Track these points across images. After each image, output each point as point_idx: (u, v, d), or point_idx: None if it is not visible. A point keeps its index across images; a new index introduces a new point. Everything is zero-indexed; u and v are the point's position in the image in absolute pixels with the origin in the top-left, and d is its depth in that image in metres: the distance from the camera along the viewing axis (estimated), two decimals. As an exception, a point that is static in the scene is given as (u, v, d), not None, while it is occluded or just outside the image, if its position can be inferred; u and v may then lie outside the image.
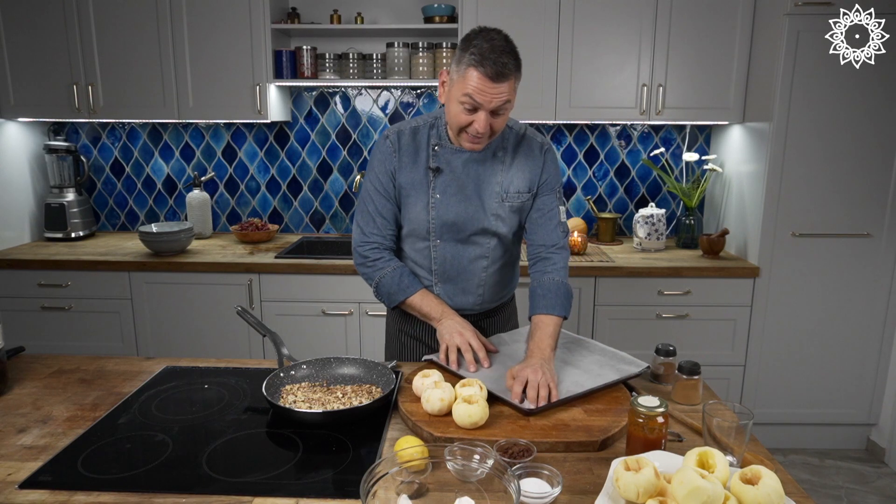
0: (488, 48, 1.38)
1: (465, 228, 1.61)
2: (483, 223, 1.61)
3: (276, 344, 1.54)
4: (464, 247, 1.64)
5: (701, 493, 0.87)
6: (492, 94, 1.40)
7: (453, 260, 1.64)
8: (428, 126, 1.61)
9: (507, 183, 1.61)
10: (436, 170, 1.58)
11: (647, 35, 2.83)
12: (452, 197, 1.59)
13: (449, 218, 1.59)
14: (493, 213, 1.61)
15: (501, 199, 1.61)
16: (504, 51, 1.39)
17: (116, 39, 2.89)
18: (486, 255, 1.66)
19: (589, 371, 1.45)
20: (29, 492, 1.06)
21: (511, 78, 1.41)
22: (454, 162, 1.58)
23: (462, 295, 1.69)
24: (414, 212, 1.61)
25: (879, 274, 2.77)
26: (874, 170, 2.69)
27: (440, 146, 1.59)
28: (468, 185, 1.59)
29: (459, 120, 1.46)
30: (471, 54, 1.39)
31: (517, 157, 1.62)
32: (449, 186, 1.58)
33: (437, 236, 1.62)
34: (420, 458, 1.06)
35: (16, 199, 3.10)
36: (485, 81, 1.39)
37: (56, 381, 1.52)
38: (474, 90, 1.40)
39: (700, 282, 2.77)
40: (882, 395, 2.87)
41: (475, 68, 1.39)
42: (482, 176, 1.59)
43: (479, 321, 1.75)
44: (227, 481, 1.10)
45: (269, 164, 3.36)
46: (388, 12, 3.16)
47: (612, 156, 3.32)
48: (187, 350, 2.84)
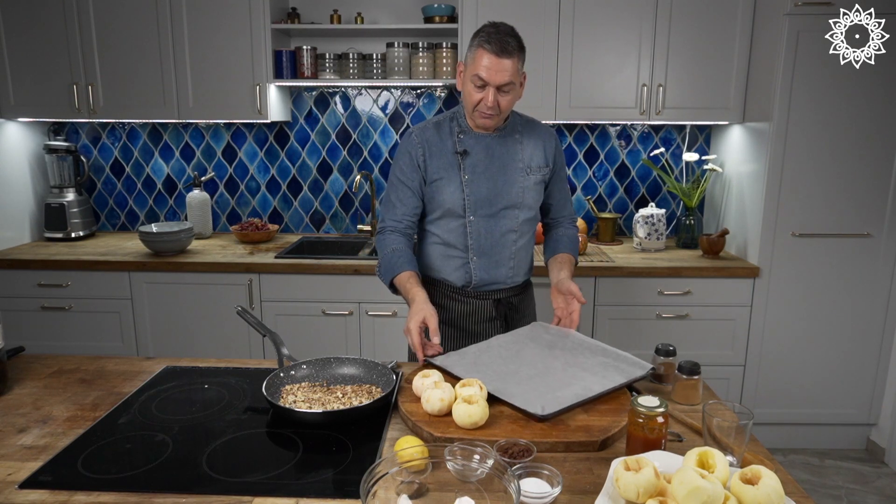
0: (494, 31, 1.62)
1: (496, 203, 1.77)
2: (512, 196, 1.78)
3: (276, 344, 1.54)
4: (495, 221, 1.79)
5: (701, 493, 0.87)
6: (497, 69, 1.60)
7: (487, 234, 1.79)
8: (448, 119, 1.81)
9: (529, 158, 1.80)
10: (463, 153, 1.76)
11: (647, 35, 2.83)
12: (482, 175, 1.76)
13: (482, 194, 1.76)
14: (520, 186, 1.79)
15: (526, 172, 1.79)
16: (508, 33, 1.62)
17: (116, 39, 2.89)
18: (515, 229, 1.81)
19: (596, 374, 1.44)
20: (29, 492, 1.06)
21: (514, 57, 1.61)
22: (479, 145, 1.77)
23: (495, 268, 1.82)
24: (447, 193, 1.76)
25: (879, 274, 2.77)
26: (874, 170, 2.69)
27: (463, 133, 1.77)
28: (494, 164, 1.77)
29: (472, 98, 1.66)
30: (480, 37, 1.62)
31: (532, 137, 1.82)
32: (477, 166, 1.76)
33: (472, 212, 1.77)
34: (420, 458, 1.06)
35: (16, 199, 3.10)
36: (491, 58, 1.60)
37: (56, 381, 1.52)
38: (482, 67, 1.61)
39: (700, 282, 2.77)
40: (882, 395, 2.88)
41: (482, 47, 1.61)
42: (506, 154, 1.78)
43: (510, 297, 1.89)
44: (227, 481, 1.10)
45: (269, 164, 3.36)
46: (388, 12, 3.16)
47: (612, 156, 3.32)
48: (187, 350, 2.84)
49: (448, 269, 1.84)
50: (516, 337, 1.67)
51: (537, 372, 1.44)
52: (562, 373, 1.44)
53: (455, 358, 1.54)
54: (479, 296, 1.85)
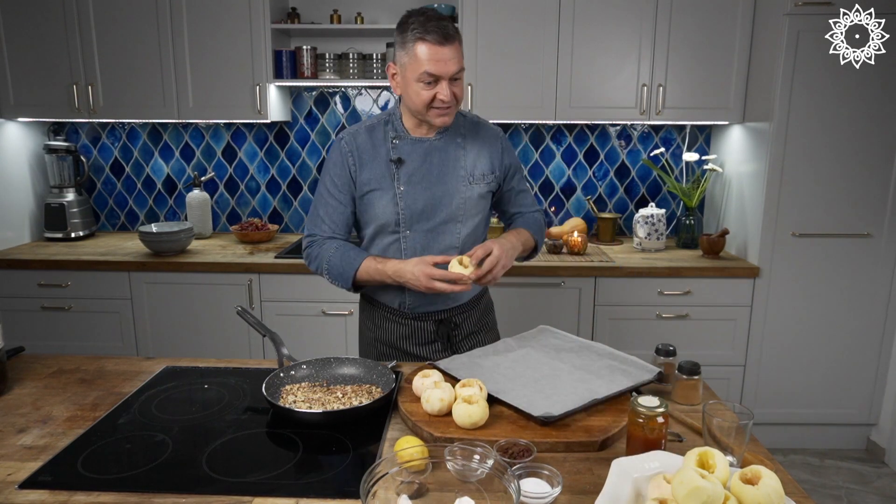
0: (424, 19, 1.46)
1: (434, 216, 1.62)
2: (452, 208, 1.62)
3: (276, 344, 1.54)
4: (434, 236, 1.63)
5: (701, 493, 0.87)
6: (445, 58, 1.46)
7: (423, 251, 1.62)
8: (383, 123, 1.63)
9: (472, 166, 1.64)
10: (398, 161, 1.59)
11: (647, 35, 2.83)
12: (418, 185, 1.60)
13: (417, 206, 1.60)
14: (462, 197, 1.63)
15: (468, 182, 1.63)
16: (441, 17, 1.47)
17: (116, 39, 2.89)
18: (456, 246, 1.65)
19: (602, 377, 1.44)
20: (29, 492, 1.06)
21: (456, 41, 1.48)
22: (415, 152, 1.60)
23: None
24: (380, 206, 1.60)
25: (879, 274, 2.77)
26: (874, 170, 2.69)
27: (399, 139, 1.61)
28: (433, 172, 1.61)
29: (423, 98, 1.50)
30: (412, 31, 1.46)
31: (476, 141, 1.66)
32: (413, 175, 1.60)
33: (407, 227, 1.62)
34: (420, 458, 1.06)
35: (16, 199, 3.10)
36: (434, 48, 1.45)
37: (56, 381, 1.52)
38: (428, 63, 1.45)
39: (700, 282, 2.77)
40: (882, 395, 2.87)
41: (421, 41, 1.45)
42: (446, 161, 1.62)
43: (452, 317, 1.73)
44: (227, 481, 1.10)
45: (269, 164, 3.36)
46: (388, 12, 3.16)
47: (612, 156, 3.32)
48: (187, 350, 2.84)
49: (380, 289, 1.68)
50: (522, 341, 1.66)
51: (543, 375, 1.44)
52: (568, 375, 1.43)
53: (462, 360, 1.53)
54: (417, 317, 1.70)
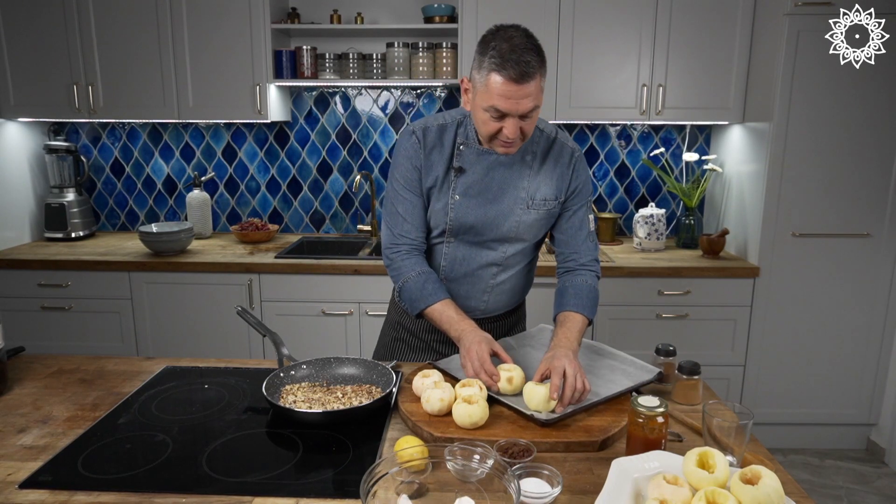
0: (507, 48, 1.30)
1: (483, 233, 1.55)
2: (503, 229, 1.54)
3: (276, 344, 1.54)
4: (478, 250, 1.58)
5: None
6: (518, 97, 1.32)
7: (463, 261, 1.59)
8: (456, 124, 1.53)
9: (534, 189, 1.53)
10: (458, 169, 1.51)
11: (647, 35, 2.83)
12: (473, 199, 1.52)
13: (468, 221, 1.53)
14: (517, 220, 1.54)
15: (527, 205, 1.53)
16: (525, 48, 1.31)
17: (116, 39, 2.89)
18: (499, 263, 1.60)
19: (602, 377, 1.44)
20: (29, 492, 1.06)
21: (536, 77, 1.32)
22: (479, 163, 1.51)
23: (464, 300, 1.63)
24: (432, 210, 1.55)
25: (879, 274, 2.77)
26: (874, 170, 2.68)
27: (465, 145, 1.51)
28: (491, 188, 1.51)
29: (488, 128, 1.39)
30: (490, 58, 1.32)
31: (546, 163, 1.54)
32: (471, 188, 1.51)
33: (452, 235, 1.57)
34: (420, 458, 1.06)
35: (16, 199, 3.10)
36: (509, 85, 1.30)
37: (56, 381, 1.52)
38: (499, 98, 1.32)
39: (700, 282, 2.77)
40: (882, 395, 2.87)
41: (497, 72, 1.31)
42: (508, 180, 1.52)
43: (482, 325, 1.69)
44: (227, 481, 1.10)
45: (269, 164, 3.36)
46: (388, 12, 3.16)
47: (612, 156, 3.32)
48: (187, 350, 2.84)
49: None
50: (522, 340, 1.66)
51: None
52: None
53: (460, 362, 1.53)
54: None
